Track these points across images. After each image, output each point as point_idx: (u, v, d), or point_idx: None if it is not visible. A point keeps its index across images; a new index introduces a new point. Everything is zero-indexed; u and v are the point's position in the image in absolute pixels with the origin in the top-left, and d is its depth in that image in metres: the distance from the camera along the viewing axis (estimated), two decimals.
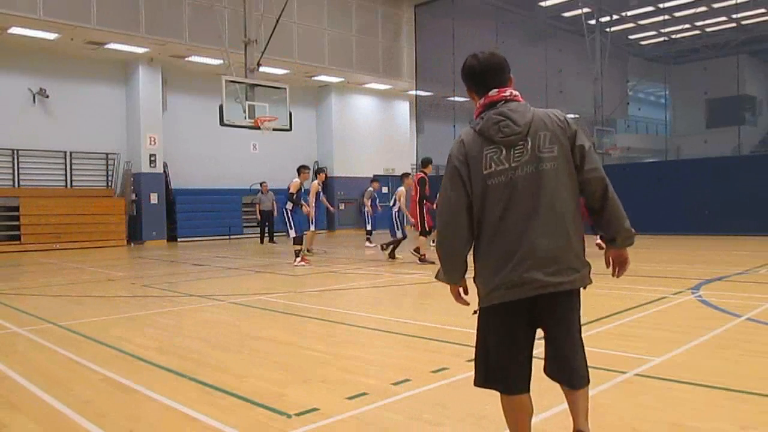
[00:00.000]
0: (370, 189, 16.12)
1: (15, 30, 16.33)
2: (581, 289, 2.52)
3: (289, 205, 12.13)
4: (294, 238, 12.16)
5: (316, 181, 14.36)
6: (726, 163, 17.66)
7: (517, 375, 2.50)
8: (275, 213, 19.31)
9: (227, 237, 21.97)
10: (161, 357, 4.90)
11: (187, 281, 10.15)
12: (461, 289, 2.65)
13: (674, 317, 6.04)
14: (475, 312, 2.57)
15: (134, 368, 4.61)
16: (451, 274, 2.58)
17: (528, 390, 2.53)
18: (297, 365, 4.60)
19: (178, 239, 20.84)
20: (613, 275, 2.66)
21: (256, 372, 4.44)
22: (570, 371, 2.56)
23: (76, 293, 8.92)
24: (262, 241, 20.05)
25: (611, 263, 2.65)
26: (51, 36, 16.95)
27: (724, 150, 20.70)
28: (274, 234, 19.84)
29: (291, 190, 12.25)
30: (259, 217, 20.04)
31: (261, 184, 20.15)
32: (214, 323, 6.51)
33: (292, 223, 12.08)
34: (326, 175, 14.83)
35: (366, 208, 16.78)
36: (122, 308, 7.53)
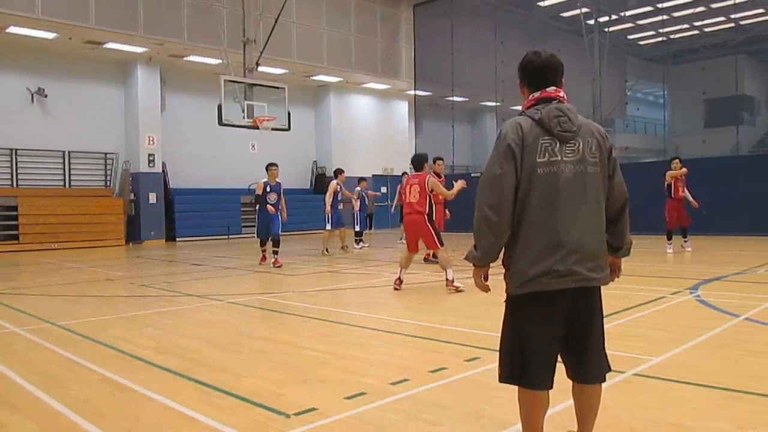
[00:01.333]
0: (358, 189, 15.98)
1: (13, 29, 16.30)
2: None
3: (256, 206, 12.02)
4: (275, 239, 11.95)
5: (334, 181, 14.44)
6: (724, 163, 17.67)
7: (550, 369, 2.53)
8: (283, 216, 19.38)
9: (226, 237, 21.96)
10: (160, 357, 4.90)
11: (185, 281, 10.15)
12: (484, 274, 2.65)
13: (673, 317, 6.04)
14: (505, 300, 2.59)
15: (133, 368, 4.60)
16: (488, 257, 2.54)
17: (552, 386, 2.57)
18: (296, 365, 4.60)
19: (177, 239, 20.82)
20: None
21: (254, 372, 4.44)
22: (594, 366, 2.63)
23: (74, 293, 8.91)
24: None
25: (609, 268, 2.75)
26: (49, 35, 16.93)
27: (722, 150, 20.72)
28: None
29: (256, 191, 12.09)
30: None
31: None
32: (212, 323, 6.51)
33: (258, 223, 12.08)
34: (344, 175, 14.88)
35: (353, 209, 16.52)
36: (121, 308, 7.52)
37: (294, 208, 21.76)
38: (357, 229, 16.15)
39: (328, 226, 14.09)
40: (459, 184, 8.62)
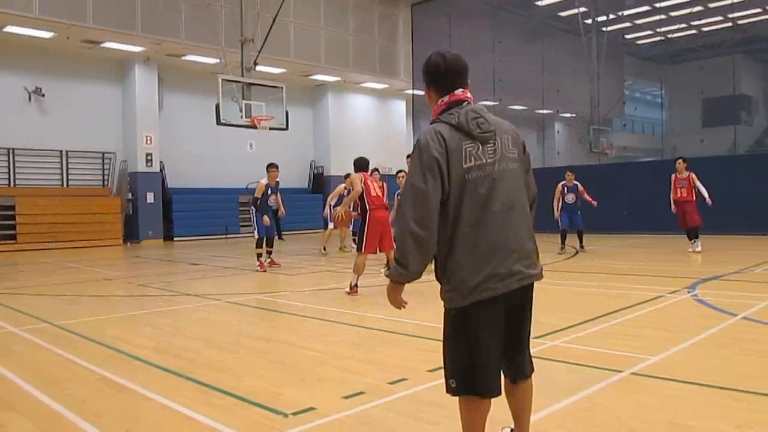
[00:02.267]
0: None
1: (10, 29, 16.27)
2: None
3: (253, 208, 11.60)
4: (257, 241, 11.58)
5: (342, 185, 14.41)
6: (722, 162, 17.69)
7: (497, 376, 2.49)
8: (281, 211, 19.38)
9: (224, 236, 21.94)
10: (158, 356, 4.89)
11: (183, 280, 10.14)
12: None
13: (671, 316, 6.05)
14: (446, 314, 2.50)
15: (131, 368, 4.60)
16: (416, 273, 2.43)
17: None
18: (294, 364, 4.60)
19: (175, 238, 20.79)
20: None
21: (253, 371, 4.44)
22: (528, 361, 2.63)
23: (72, 293, 8.90)
24: None
25: None
26: (47, 35, 16.89)
27: (720, 149, 20.76)
28: (282, 232, 20.20)
29: (255, 194, 11.56)
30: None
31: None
32: (210, 323, 6.50)
33: (255, 225, 11.50)
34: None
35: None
36: (119, 308, 7.52)
37: (291, 207, 21.84)
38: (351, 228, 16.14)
39: (330, 225, 14.13)
40: None
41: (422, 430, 3.22)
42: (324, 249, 14.15)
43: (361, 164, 8.54)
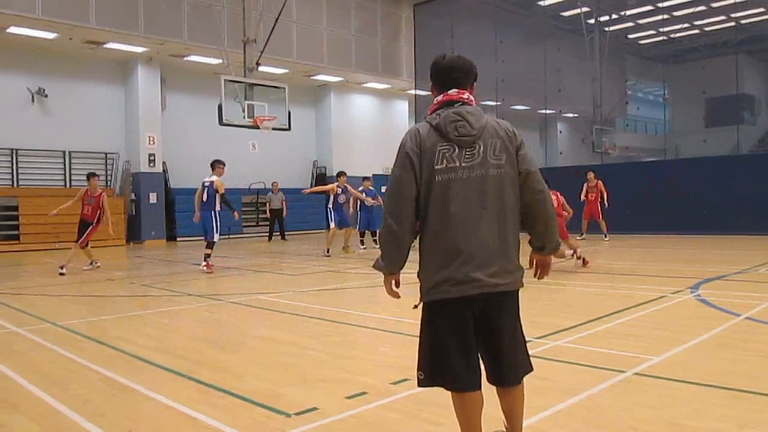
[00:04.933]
0: (361, 188, 15.74)
1: (13, 29, 16.29)
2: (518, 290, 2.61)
3: (218, 206, 11.43)
4: (211, 242, 11.46)
5: (334, 184, 14.40)
6: (724, 162, 17.66)
7: (469, 371, 2.50)
8: (285, 212, 20.36)
9: (226, 236, 21.95)
10: (160, 356, 4.90)
11: (186, 281, 10.15)
12: (394, 281, 2.68)
13: (673, 316, 6.04)
14: (415, 306, 2.61)
15: (133, 368, 4.60)
16: (392, 264, 2.58)
17: (480, 387, 2.54)
18: (296, 365, 4.60)
19: (177, 239, 20.81)
20: (535, 276, 2.75)
21: (255, 371, 4.44)
22: (508, 369, 2.58)
23: (75, 293, 8.92)
24: (270, 239, 20.63)
25: (535, 266, 2.74)
26: (49, 35, 16.92)
27: (722, 149, 20.70)
28: (285, 232, 20.52)
29: (220, 191, 11.42)
30: (269, 215, 20.59)
31: (272, 183, 20.72)
32: (213, 323, 6.51)
33: (217, 226, 11.38)
34: (344, 177, 14.62)
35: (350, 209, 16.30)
36: (121, 308, 7.53)
37: (294, 207, 21.90)
38: (359, 229, 16.06)
39: (332, 224, 14.04)
40: None
41: (424, 431, 3.21)
42: (327, 251, 13.84)
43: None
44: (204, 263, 11.23)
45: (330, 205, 14.14)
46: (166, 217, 20.72)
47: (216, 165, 11.73)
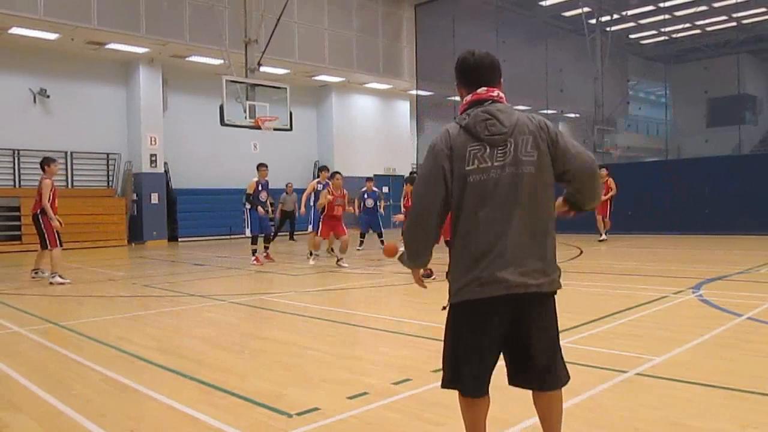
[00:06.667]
0: (363, 189, 15.51)
1: (15, 30, 16.32)
2: (555, 292, 2.53)
3: (247, 205, 12.52)
4: (252, 237, 12.61)
5: (315, 180, 14.10)
6: (726, 162, 17.64)
7: (481, 377, 2.48)
8: (297, 213, 19.87)
9: (228, 237, 21.97)
10: (162, 357, 4.90)
11: (187, 281, 10.15)
12: (422, 271, 2.75)
13: (675, 317, 6.03)
14: (444, 308, 2.59)
15: (135, 368, 4.61)
16: (417, 263, 2.63)
17: (488, 392, 2.53)
18: (298, 365, 4.60)
19: (179, 239, 20.83)
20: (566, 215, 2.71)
21: (256, 372, 4.45)
22: (544, 372, 2.52)
23: (76, 293, 8.93)
24: (273, 238, 20.37)
25: (565, 209, 2.68)
26: (51, 36, 16.94)
27: (724, 149, 20.67)
28: (295, 233, 20.31)
29: (248, 191, 12.59)
30: (279, 216, 20.08)
31: (287, 185, 20.12)
32: (214, 323, 6.51)
33: (249, 222, 12.48)
34: (326, 173, 13.85)
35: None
36: (123, 308, 7.53)
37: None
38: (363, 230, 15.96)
39: (310, 227, 12.79)
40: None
41: (425, 431, 3.21)
42: (311, 254, 12.60)
43: None
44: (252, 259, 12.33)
45: (311, 202, 13.25)
46: (167, 217, 20.75)
47: (258, 167, 12.91)
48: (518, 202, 2.40)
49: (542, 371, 2.51)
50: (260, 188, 12.50)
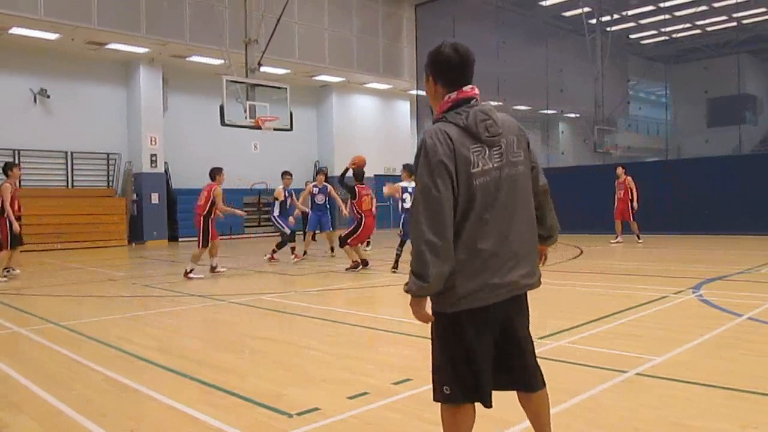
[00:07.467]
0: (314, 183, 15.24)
1: (16, 30, 16.32)
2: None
3: (276, 211, 13.04)
4: (290, 234, 12.88)
5: (312, 183, 14.28)
6: (727, 162, 17.63)
7: (490, 384, 2.41)
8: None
9: (228, 237, 21.97)
10: (162, 357, 4.90)
11: (187, 281, 10.15)
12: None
13: (675, 317, 6.03)
14: (438, 316, 2.39)
15: (135, 368, 4.61)
16: (440, 282, 2.26)
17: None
18: (298, 365, 4.60)
19: (179, 239, 20.83)
20: (542, 264, 2.72)
21: (257, 372, 4.45)
22: (534, 371, 2.50)
23: (77, 293, 8.93)
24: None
25: (541, 256, 2.71)
26: (52, 36, 16.95)
27: (724, 149, 20.67)
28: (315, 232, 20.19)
29: (279, 198, 13.10)
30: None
31: (306, 183, 19.68)
32: (215, 323, 6.52)
33: (282, 224, 12.89)
34: (326, 175, 14.03)
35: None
36: (123, 308, 7.53)
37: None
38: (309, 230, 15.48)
39: (286, 230, 12.84)
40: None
41: (425, 431, 3.21)
42: (305, 253, 13.08)
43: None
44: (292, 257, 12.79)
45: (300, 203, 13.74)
46: (168, 217, 20.74)
47: (282, 175, 13.49)
48: (516, 203, 2.38)
49: (533, 370, 2.50)
50: (288, 195, 13.19)
